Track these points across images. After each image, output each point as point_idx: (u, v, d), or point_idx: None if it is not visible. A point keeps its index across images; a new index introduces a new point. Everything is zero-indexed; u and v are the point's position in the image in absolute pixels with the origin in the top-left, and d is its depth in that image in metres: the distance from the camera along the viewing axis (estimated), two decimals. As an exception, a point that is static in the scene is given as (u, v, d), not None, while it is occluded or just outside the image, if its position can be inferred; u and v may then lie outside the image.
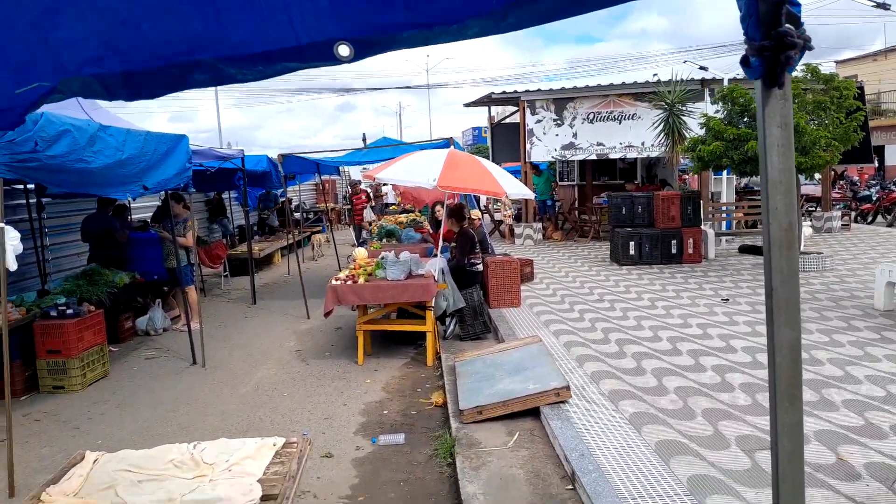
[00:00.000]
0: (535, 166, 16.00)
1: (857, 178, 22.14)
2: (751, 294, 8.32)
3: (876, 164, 21.59)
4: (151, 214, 10.96)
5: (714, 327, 6.77)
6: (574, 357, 5.84)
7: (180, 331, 8.03)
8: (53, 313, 6.14)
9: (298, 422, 5.17)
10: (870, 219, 17.73)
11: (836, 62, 30.53)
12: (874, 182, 21.18)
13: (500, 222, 16.40)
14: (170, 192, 7.60)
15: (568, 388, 4.76)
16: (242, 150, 10.36)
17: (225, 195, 14.81)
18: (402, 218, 13.04)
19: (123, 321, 8.05)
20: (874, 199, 18.19)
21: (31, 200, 8.33)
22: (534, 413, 4.72)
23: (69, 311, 6.16)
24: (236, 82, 1.53)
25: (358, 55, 1.42)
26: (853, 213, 16.92)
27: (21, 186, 7.86)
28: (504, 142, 17.19)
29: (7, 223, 8.23)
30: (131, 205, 10.91)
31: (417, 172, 6.96)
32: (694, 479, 3.48)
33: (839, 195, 17.11)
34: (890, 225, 16.35)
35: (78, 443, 4.86)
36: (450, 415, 4.96)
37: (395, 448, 4.64)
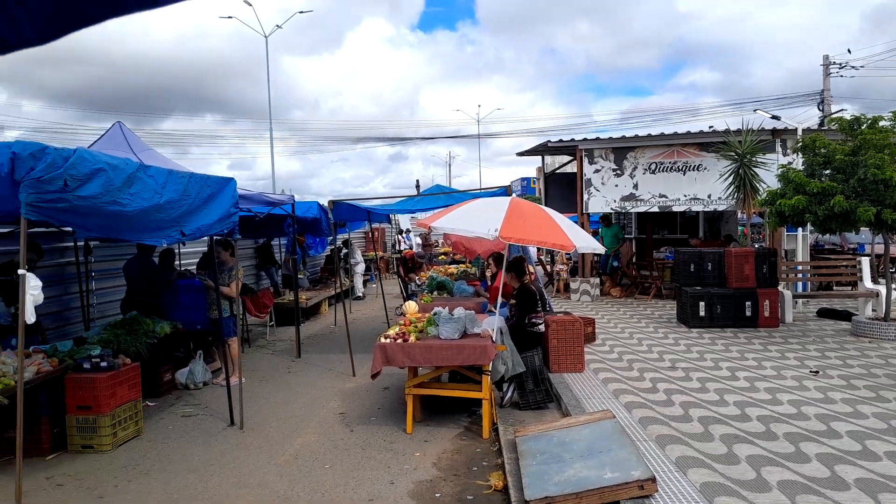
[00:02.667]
0: (605, 219, 15.34)
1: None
2: (841, 366, 7.41)
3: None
4: (197, 260, 10.69)
5: (809, 405, 5.93)
6: (653, 437, 5.10)
7: (221, 385, 7.57)
8: (87, 365, 5.74)
9: (339, 502, 4.57)
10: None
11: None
12: None
13: (557, 275, 15.69)
14: (216, 237, 7.27)
15: (653, 479, 4.05)
16: (293, 196, 10.06)
17: (275, 242, 14.59)
18: (453, 269, 12.50)
19: (163, 373, 7.65)
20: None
21: (79, 243, 8.15)
22: (612, 508, 4.03)
23: (103, 364, 5.75)
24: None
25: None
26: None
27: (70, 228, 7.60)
28: (557, 192, 16.68)
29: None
30: (181, 249, 10.72)
31: (477, 221, 6.34)
32: None
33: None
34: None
35: (96, 518, 4.37)
36: (512, 503, 4.29)
37: (450, 544, 3.99)
